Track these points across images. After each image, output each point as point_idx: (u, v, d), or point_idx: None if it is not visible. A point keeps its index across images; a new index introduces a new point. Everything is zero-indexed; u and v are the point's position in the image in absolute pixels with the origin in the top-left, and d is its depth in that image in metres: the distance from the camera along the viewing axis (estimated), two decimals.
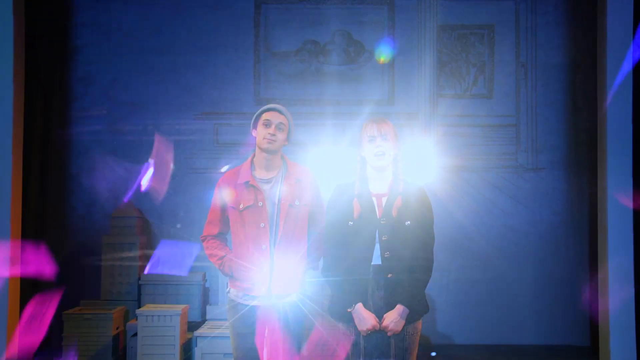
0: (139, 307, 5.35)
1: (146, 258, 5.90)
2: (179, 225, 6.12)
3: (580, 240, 6.20)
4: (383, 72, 6.40)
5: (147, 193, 6.00)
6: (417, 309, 2.83)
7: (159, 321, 4.70)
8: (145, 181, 5.70)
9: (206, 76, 6.24)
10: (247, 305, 3.05)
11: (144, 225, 5.99)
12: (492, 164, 6.31)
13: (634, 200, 5.25)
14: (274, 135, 3.04)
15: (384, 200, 2.87)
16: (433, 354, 5.48)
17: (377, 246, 2.81)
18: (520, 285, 6.25)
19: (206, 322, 5.15)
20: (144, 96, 6.20)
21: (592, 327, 5.79)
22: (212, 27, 6.28)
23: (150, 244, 6.04)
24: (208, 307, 5.35)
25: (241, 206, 3.06)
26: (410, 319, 2.80)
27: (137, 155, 5.98)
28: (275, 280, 3.00)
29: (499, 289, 6.23)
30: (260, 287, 3.00)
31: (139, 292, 5.61)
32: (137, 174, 5.96)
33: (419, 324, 2.88)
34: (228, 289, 3.16)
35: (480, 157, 6.31)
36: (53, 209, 5.99)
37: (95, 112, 6.18)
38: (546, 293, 6.23)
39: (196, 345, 4.72)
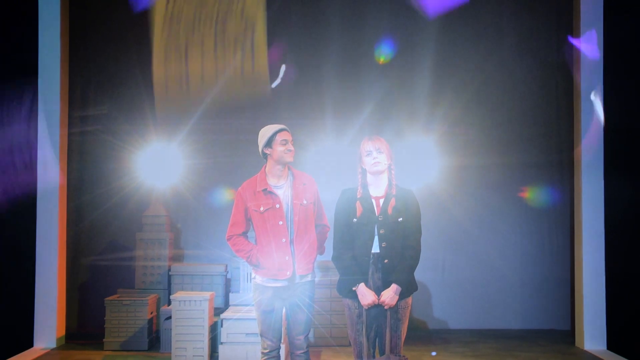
0: (170, 295, 6.04)
1: (174, 253, 6.57)
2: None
3: (563, 235, 6.77)
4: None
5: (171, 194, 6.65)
6: (408, 287, 3.53)
7: (191, 305, 5.37)
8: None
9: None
10: (270, 288, 3.75)
11: (172, 223, 6.66)
12: (487, 163, 6.74)
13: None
14: (291, 149, 3.77)
15: (381, 201, 3.56)
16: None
17: (376, 238, 3.52)
18: (508, 275, 6.83)
19: (229, 307, 5.83)
20: (167, 104, 6.70)
21: (573, 313, 6.37)
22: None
23: (178, 240, 6.72)
24: (230, 295, 6.03)
25: (262, 209, 3.76)
26: (402, 296, 3.50)
27: (164, 161, 6.62)
28: (297, 265, 3.72)
29: (490, 279, 6.82)
30: (285, 272, 3.71)
31: (168, 281, 6.31)
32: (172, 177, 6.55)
33: (410, 300, 3.58)
34: (254, 275, 3.86)
35: (476, 157, 6.74)
36: (91, 209, 6.68)
37: (124, 117, 6.71)
38: (532, 283, 6.82)
39: (222, 326, 5.40)
